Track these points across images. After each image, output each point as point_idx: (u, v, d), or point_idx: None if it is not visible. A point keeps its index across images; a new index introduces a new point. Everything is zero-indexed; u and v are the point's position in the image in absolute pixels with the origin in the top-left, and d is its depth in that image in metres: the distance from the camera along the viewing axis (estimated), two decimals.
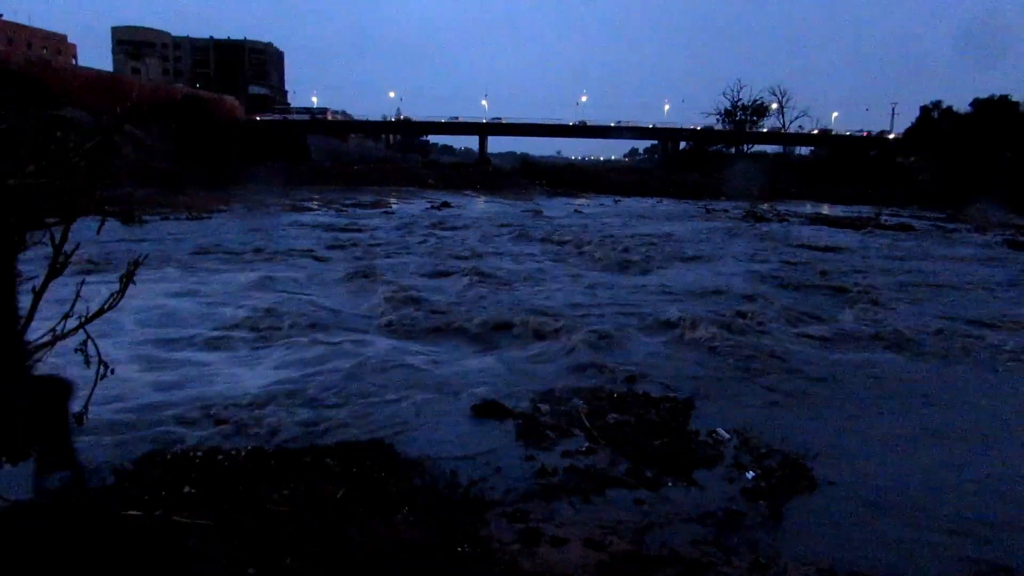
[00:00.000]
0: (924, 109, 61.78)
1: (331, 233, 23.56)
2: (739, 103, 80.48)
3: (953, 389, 8.09)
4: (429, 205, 39.25)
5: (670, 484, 5.18)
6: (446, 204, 39.60)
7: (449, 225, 27.43)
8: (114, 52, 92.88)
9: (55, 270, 2.80)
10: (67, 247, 2.84)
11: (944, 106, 60.53)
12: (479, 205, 42.94)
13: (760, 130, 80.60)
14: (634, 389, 7.45)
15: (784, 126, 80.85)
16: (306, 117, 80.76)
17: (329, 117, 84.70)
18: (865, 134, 74.90)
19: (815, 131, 78.08)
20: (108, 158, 3.20)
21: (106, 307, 3.46)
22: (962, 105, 58.51)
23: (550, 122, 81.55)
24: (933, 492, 5.32)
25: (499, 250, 20.02)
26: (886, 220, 33.88)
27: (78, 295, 3.45)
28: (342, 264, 16.50)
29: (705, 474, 5.41)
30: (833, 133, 77.55)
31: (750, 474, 5.39)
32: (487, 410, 6.60)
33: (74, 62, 66.70)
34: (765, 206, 43.21)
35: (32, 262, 3.13)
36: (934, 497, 5.22)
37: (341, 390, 7.14)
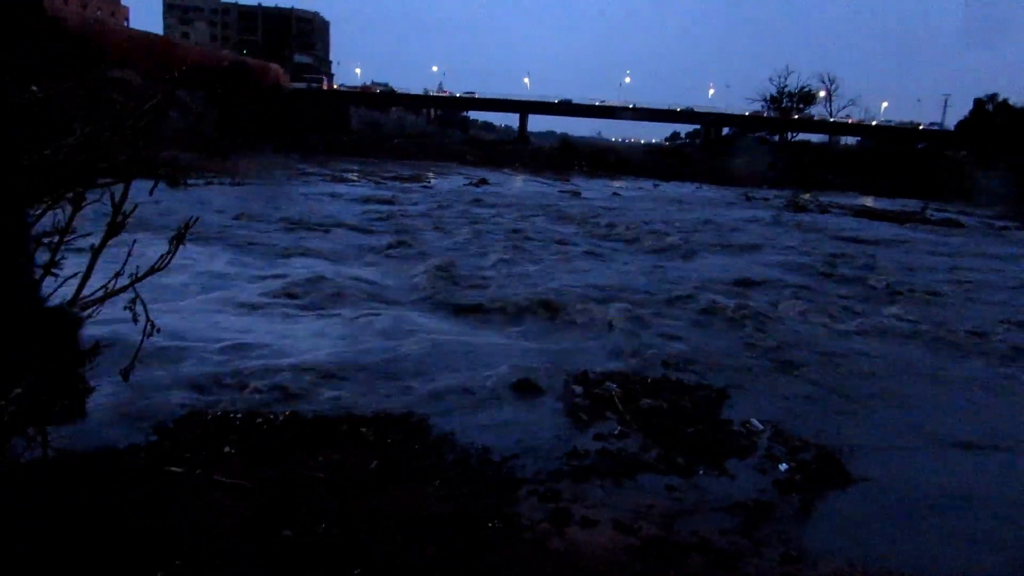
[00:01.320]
0: (978, 102, 59.85)
1: (370, 205, 23.71)
2: (785, 89, 78.62)
3: (996, 393, 7.88)
4: (467, 181, 39.23)
5: (701, 472, 5.16)
6: (484, 181, 39.53)
7: (487, 203, 27.41)
8: (164, 15, 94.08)
9: (114, 228, 2.85)
10: (127, 207, 2.89)
11: (1000, 99, 58.56)
12: (517, 184, 42.81)
13: (806, 118, 78.74)
14: (668, 375, 7.40)
15: (831, 114, 78.85)
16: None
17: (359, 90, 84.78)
18: (917, 126, 72.87)
19: (865, 121, 76.10)
20: (159, 121, 3.25)
21: (156, 267, 3.53)
22: (1020, 99, 56.55)
23: (593, 103, 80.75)
24: (967, 497, 5.20)
25: (537, 230, 19.96)
26: (932, 215, 33.00)
27: (130, 254, 3.53)
28: (380, 237, 16.62)
29: (737, 464, 5.37)
30: (881, 124, 75.54)
31: (783, 466, 5.34)
32: (521, 388, 6.62)
33: (126, 24, 67.61)
34: (807, 196, 42.36)
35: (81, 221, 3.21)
36: (968, 502, 5.12)
37: (377, 361, 7.21)
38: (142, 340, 3.67)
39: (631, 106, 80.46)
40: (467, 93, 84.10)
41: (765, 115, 78.07)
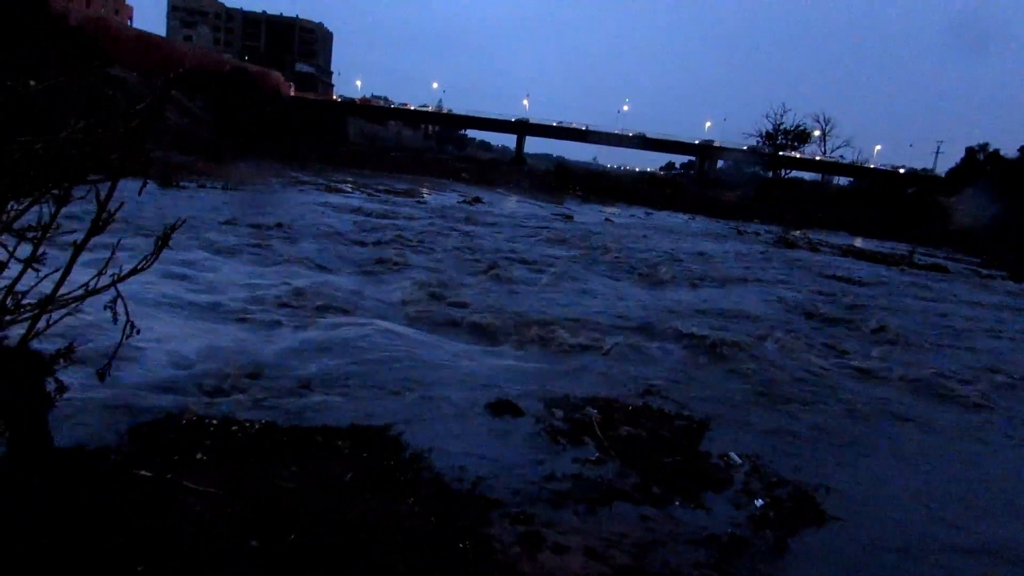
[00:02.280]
0: (970, 151, 60.91)
1: (362, 217, 23.69)
2: (781, 126, 79.63)
3: (976, 439, 7.92)
4: (461, 199, 39.32)
5: (677, 503, 5.14)
6: (478, 199, 39.62)
7: (479, 220, 27.46)
8: (168, 17, 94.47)
9: (97, 227, 2.83)
10: (112, 206, 2.87)
11: (991, 149, 59.51)
12: (510, 204, 42.93)
13: (800, 155, 79.66)
14: (649, 404, 7.40)
15: (825, 154, 79.82)
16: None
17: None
18: (903, 171, 73.85)
19: (864, 163, 77.04)
20: (155, 121, 3.24)
21: (139, 267, 3.50)
22: (1011, 150, 57.48)
23: (591, 128, 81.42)
24: (941, 542, 5.21)
25: (527, 251, 20.00)
26: (920, 259, 33.31)
27: (113, 253, 3.50)
28: (368, 249, 16.60)
29: (713, 497, 5.35)
30: (873, 166, 76.51)
31: (759, 501, 5.33)
32: (500, 409, 6.59)
33: (130, 23, 67.75)
34: (797, 232, 42.70)
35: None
36: (943, 548, 5.12)
37: (357, 374, 7.18)
38: (120, 341, 3.63)
39: (630, 134, 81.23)
40: (469, 112, 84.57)
41: (760, 150, 78.92)
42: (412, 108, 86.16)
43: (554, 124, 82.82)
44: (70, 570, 2.99)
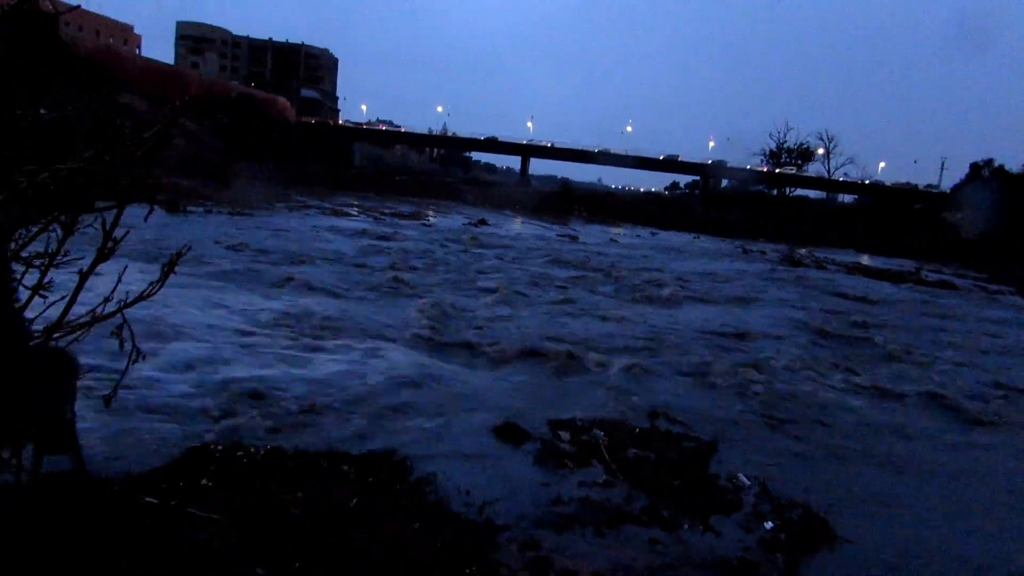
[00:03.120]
0: (974, 166, 60.96)
1: (368, 240, 23.80)
2: (785, 145, 79.81)
3: (989, 457, 7.83)
4: (467, 221, 39.48)
5: (686, 526, 5.08)
6: (483, 221, 39.79)
7: (485, 242, 27.55)
8: (176, 45, 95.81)
9: (103, 254, 2.85)
10: (118, 233, 2.90)
11: (996, 164, 59.52)
12: (516, 226, 43.07)
13: (804, 174, 79.75)
14: (657, 425, 7.35)
15: (829, 172, 79.90)
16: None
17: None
18: (911, 186, 73.82)
19: (865, 180, 77.07)
20: (162, 148, 3.27)
21: (145, 294, 3.52)
22: (1015, 164, 57.49)
23: (594, 149, 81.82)
24: (958, 564, 5.13)
25: (532, 272, 20.01)
26: (927, 276, 33.19)
27: (119, 280, 3.52)
28: (374, 273, 16.64)
29: (723, 519, 5.29)
30: (878, 183, 76.51)
31: (769, 524, 5.27)
32: (506, 432, 6.55)
33: (138, 52, 68.68)
34: (803, 250, 42.69)
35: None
36: (958, 570, 5.04)
37: (363, 398, 7.15)
38: (126, 367, 3.65)
39: (633, 155, 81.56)
40: (474, 135, 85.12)
41: (764, 169, 79.07)
42: (417, 132, 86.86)
43: (557, 146, 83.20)
44: None
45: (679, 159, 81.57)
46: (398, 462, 5.50)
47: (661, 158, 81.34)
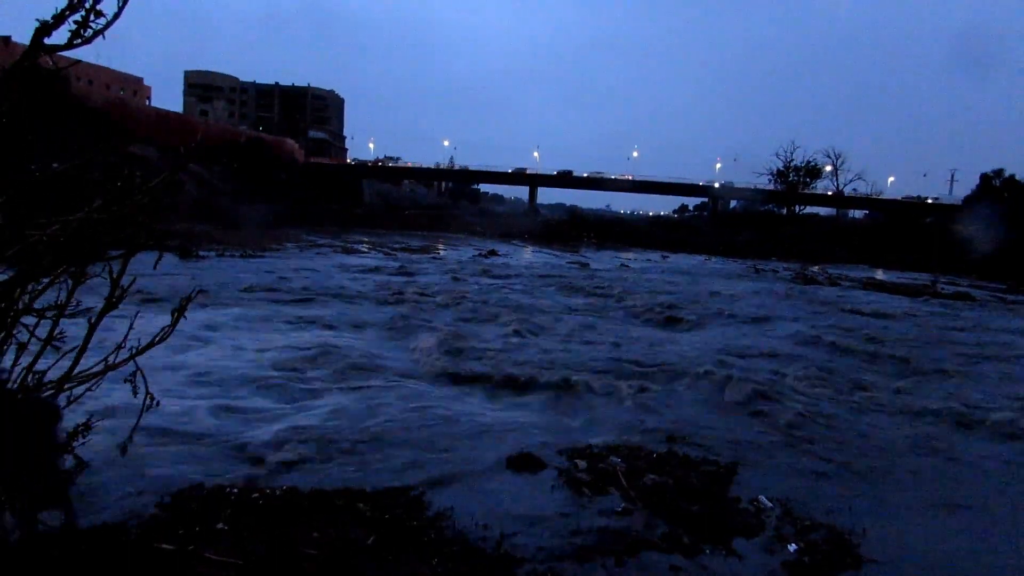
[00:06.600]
0: (984, 177, 60.53)
1: (380, 276, 23.94)
2: (792, 164, 79.76)
3: (1012, 471, 7.67)
4: (477, 252, 39.65)
5: (707, 552, 5.01)
6: (494, 252, 39.96)
7: (496, 273, 27.61)
8: (185, 94, 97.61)
9: (111, 303, 2.89)
10: (125, 280, 2.94)
11: (1007, 175, 59.18)
12: (526, 255, 43.17)
13: (813, 191, 79.59)
14: (674, 450, 7.28)
15: (838, 188, 79.69)
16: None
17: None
18: (920, 200, 73.50)
19: (874, 195, 76.83)
20: (171, 195, 3.33)
21: (157, 340, 3.56)
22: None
23: (601, 175, 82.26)
24: None
25: (543, 300, 20.01)
26: (943, 288, 32.86)
27: (131, 326, 3.56)
28: (387, 308, 16.69)
29: (745, 543, 5.22)
30: (888, 198, 76.23)
31: (792, 547, 5.18)
32: (523, 462, 6.51)
33: (148, 102, 70.01)
34: (816, 268, 42.46)
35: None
36: None
37: (378, 434, 7.14)
38: (140, 413, 3.67)
39: (642, 180, 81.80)
40: (481, 167, 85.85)
41: (772, 189, 78.95)
42: (424, 167, 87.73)
43: (563, 174, 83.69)
44: None
45: (686, 182, 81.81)
46: (415, 497, 5.47)
47: (668, 182, 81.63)
